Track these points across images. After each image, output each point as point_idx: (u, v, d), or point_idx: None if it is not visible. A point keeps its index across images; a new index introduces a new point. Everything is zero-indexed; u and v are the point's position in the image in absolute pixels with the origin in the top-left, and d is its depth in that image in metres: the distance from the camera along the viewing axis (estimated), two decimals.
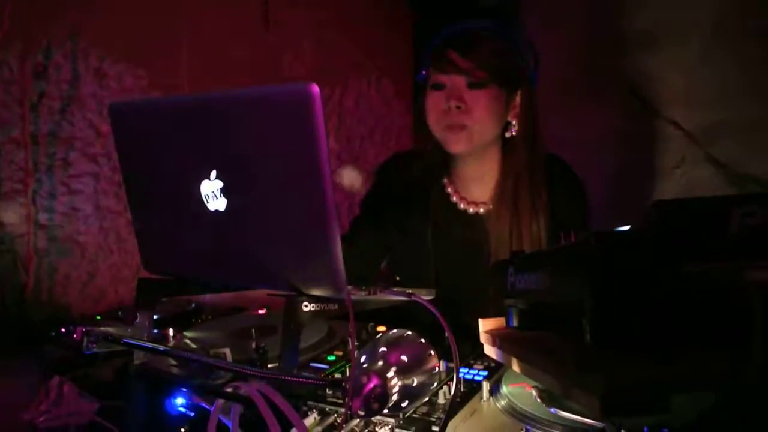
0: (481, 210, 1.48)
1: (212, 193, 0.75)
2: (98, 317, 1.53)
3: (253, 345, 1.15)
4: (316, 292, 0.71)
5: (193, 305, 1.55)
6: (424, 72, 1.43)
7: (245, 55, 2.02)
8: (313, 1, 2.23)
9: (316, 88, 0.63)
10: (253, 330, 1.33)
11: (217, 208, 0.75)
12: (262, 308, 1.48)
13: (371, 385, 0.63)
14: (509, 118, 1.41)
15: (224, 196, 0.74)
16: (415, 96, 1.46)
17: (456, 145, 1.38)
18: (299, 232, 0.70)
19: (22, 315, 1.55)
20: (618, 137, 2.11)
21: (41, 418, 0.99)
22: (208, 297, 1.46)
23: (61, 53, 1.57)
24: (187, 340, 1.29)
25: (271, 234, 0.72)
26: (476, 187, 1.49)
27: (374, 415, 0.70)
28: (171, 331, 1.25)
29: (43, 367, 1.10)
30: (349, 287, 0.72)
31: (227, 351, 0.97)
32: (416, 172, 1.50)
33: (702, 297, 0.44)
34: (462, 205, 1.50)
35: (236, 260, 0.77)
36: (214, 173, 0.74)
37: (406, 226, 1.52)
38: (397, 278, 1.53)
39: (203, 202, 0.76)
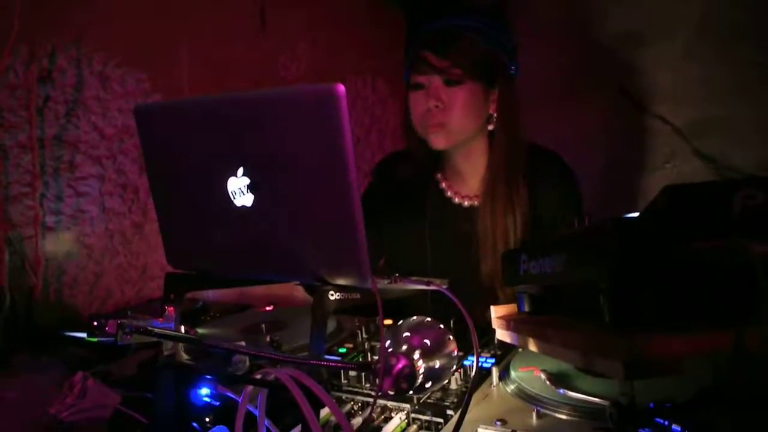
0: (476, 203, 1.53)
1: (239, 189, 0.78)
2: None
3: (268, 338, 1.19)
4: (341, 282, 0.75)
5: (200, 303, 1.58)
6: (406, 73, 1.47)
7: (243, 57, 2.05)
8: (308, 3, 2.26)
9: (342, 88, 0.67)
10: (263, 325, 1.37)
11: (244, 204, 0.79)
12: (267, 305, 1.52)
13: (400, 365, 0.67)
14: (491, 111, 1.45)
15: (251, 191, 0.78)
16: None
17: (437, 142, 1.43)
18: (325, 225, 0.73)
19: (30, 317, 1.57)
20: (608, 134, 2.17)
21: (66, 412, 1.02)
22: (211, 294, 1.49)
23: (65, 58, 1.60)
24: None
25: (297, 227, 0.76)
26: (469, 180, 1.54)
27: (403, 395, 0.74)
28: (183, 329, 1.28)
29: (65, 363, 1.13)
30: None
31: (242, 345, 1.01)
32: (410, 170, 1.55)
33: (710, 272, 0.49)
34: (456, 199, 1.55)
35: (263, 253, 0.81)
36: (241, 170, 0.78)
37: (402, 223, 1.56)
38: (396, 275, 1.57)
39: (230, 198, 0.79)
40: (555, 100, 2.10)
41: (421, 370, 0.71)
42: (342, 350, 1.23)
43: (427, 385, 0.74)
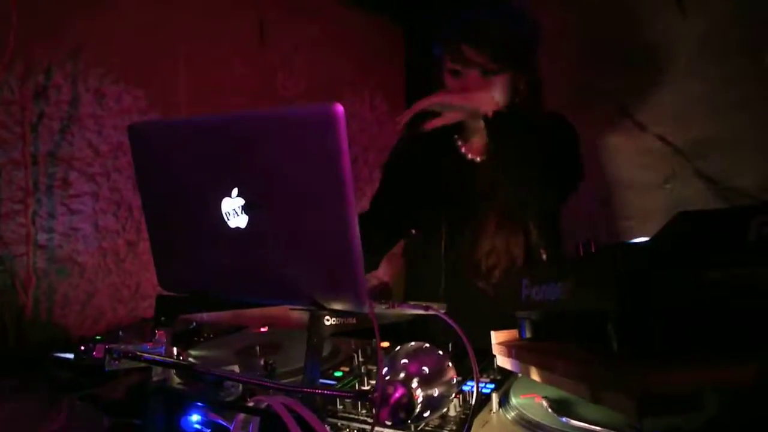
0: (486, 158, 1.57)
1: (233, 210, 0.76)
2: (98, 337, 1.52)
3: (262, 362, 1.16)
4: (337, 306, 0.73)
5: (194, 324, 1.55)
6: (438, 53, 1.51)
7: (241, 74, 2.04)
8: (307, 20, 2.26)
9: (340, 108, 0.65)
10: (258, 347, 1.34)
11: (238, 225, 0.76)
12: (262, 326, 1.49)
13: (397, 394, 0.65)
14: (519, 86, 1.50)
15: (245, 213, 0.75)
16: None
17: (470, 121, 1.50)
18: (322, 248, 0.71)
19: (20, 336, 1.53)
20: (607, 153, 2.15)
21: None
22: (206, 316, 1.47)
23: (61, 74, 1.58)
24: (192, 359, 1.29)
25: (293, 250, 0.73)
26: (482, 137, 1.56)
27: (401, 425, 0.71)
28: (175, 351, 1.25)
29: (52, 387, 1.10)
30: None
31: (235, 368, 0.98)
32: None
33: (725, 302, 0.47)
34: (470, 155, 1.60)
35: (257, 276, 0.79)
36: (235, 191, 0.76)
37: (421, 180, 1.61)
38: (413, 231, 1.63)
39: (224, 219, 0.77)
40: None
41: (420, 399, 0.68)
42: (338, 374, 1.20)
43: (426, 414, 0.71)
